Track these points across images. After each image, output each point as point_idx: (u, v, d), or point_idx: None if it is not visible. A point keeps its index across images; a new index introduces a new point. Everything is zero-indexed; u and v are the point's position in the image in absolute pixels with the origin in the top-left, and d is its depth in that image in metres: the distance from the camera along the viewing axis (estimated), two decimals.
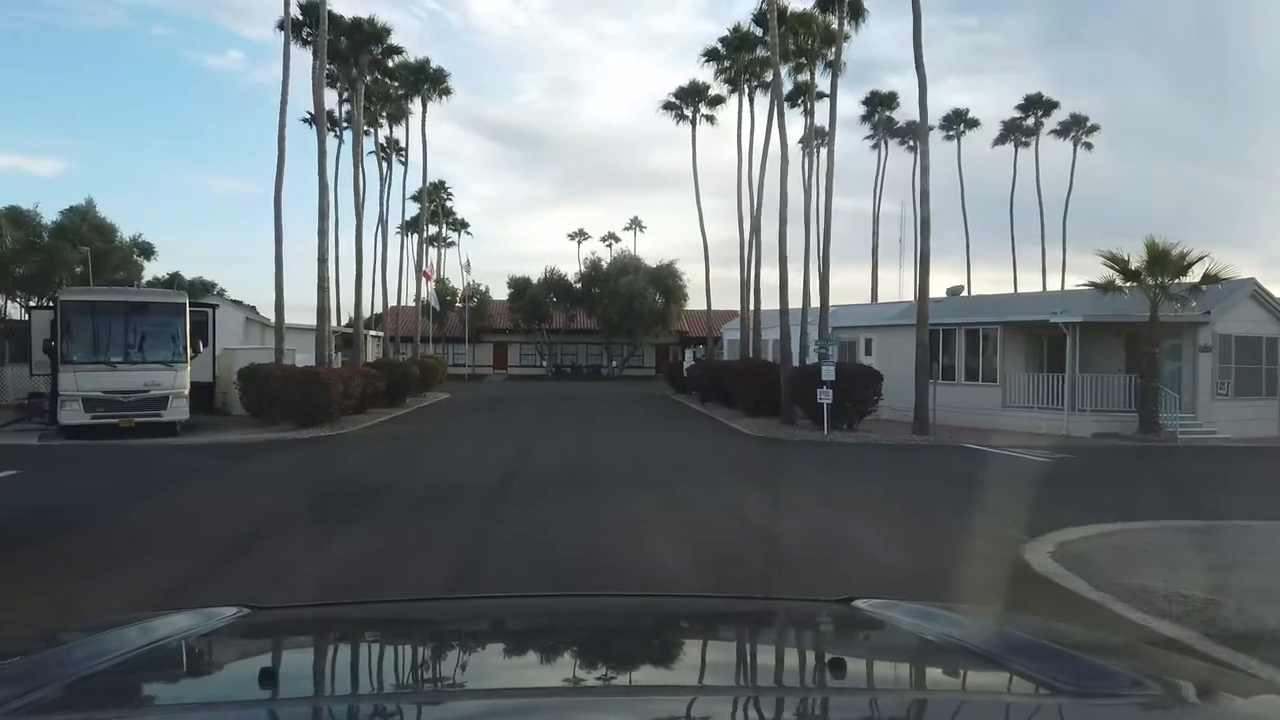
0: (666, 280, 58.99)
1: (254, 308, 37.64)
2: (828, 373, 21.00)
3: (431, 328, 59.36)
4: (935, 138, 65.43)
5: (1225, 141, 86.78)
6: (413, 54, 47.76)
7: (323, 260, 25.00)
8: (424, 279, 62.35)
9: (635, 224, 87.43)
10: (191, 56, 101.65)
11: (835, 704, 1.49)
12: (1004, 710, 1.47)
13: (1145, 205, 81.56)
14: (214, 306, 25.43)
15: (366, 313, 48.82)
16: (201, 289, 78.21)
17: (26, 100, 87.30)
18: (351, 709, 1.45)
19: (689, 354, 37.22)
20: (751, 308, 35.88)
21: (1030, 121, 61.92)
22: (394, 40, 34.11)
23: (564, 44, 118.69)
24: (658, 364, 64.72)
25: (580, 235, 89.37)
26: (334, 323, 37.57)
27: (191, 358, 21.55)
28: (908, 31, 21.44)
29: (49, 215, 34.05)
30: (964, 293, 36.16)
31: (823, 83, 34.59)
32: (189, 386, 21.21)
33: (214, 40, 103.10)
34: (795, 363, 24.54)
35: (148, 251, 37.85)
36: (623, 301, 56.99)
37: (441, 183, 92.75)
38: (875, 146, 67.66)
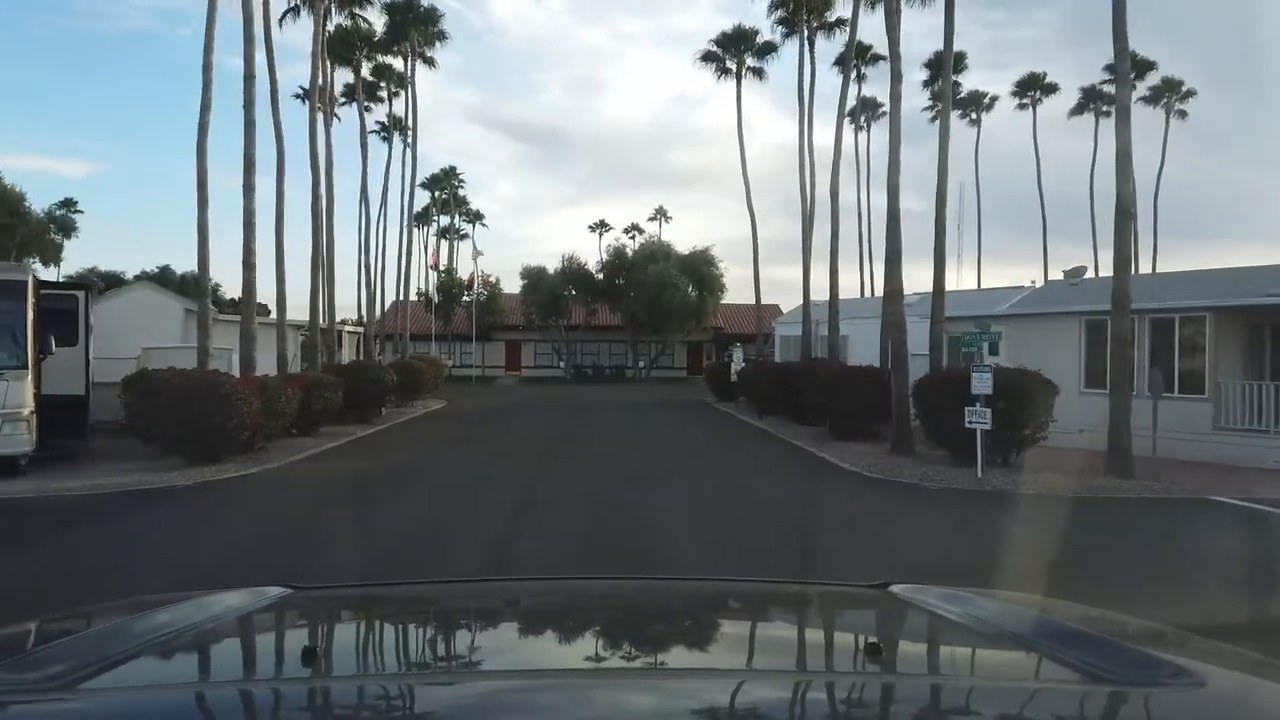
0: (701, 269, 51.63)
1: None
2: (982, 383, 13.78)
3: (434, 324, 52.58)
4: (1007, 106, 58.04)
5: (1251, 134, 79.64)
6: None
7: (249, 225, 18.08)
8: (430, 267, 55.65)
9: (660, 214, 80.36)
10: (221, 60, 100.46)
11: (869, 688, 1.46)
12: (1043, 698, 1.41)
13: (1171, 197, 75.68)
14: (87, 288, 18.46)
15: (360, 309, 42.38)
16: (191, 283, 72.32)
17: (54, 103, 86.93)
18: (388, 686, 1.48)
19: (737, 353, 30.08)
20: (811, 296, 28.74)
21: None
22: None
23: (585, 42, 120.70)
24: (690, 364, 57.48)
25: (601, 226, 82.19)
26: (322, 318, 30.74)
27: (39, 359, 14.70)
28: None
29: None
30: (1087, 274, 28.68)
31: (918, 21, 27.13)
32: (32, 405, 14.36)
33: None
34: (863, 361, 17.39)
35: (67, 227, 31.12)
36: (650, 293, 49.63)
37: (453, 168, 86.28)
38: (935, 119, 60.55)
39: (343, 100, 60.06)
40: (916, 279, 25.11)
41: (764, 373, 25.70)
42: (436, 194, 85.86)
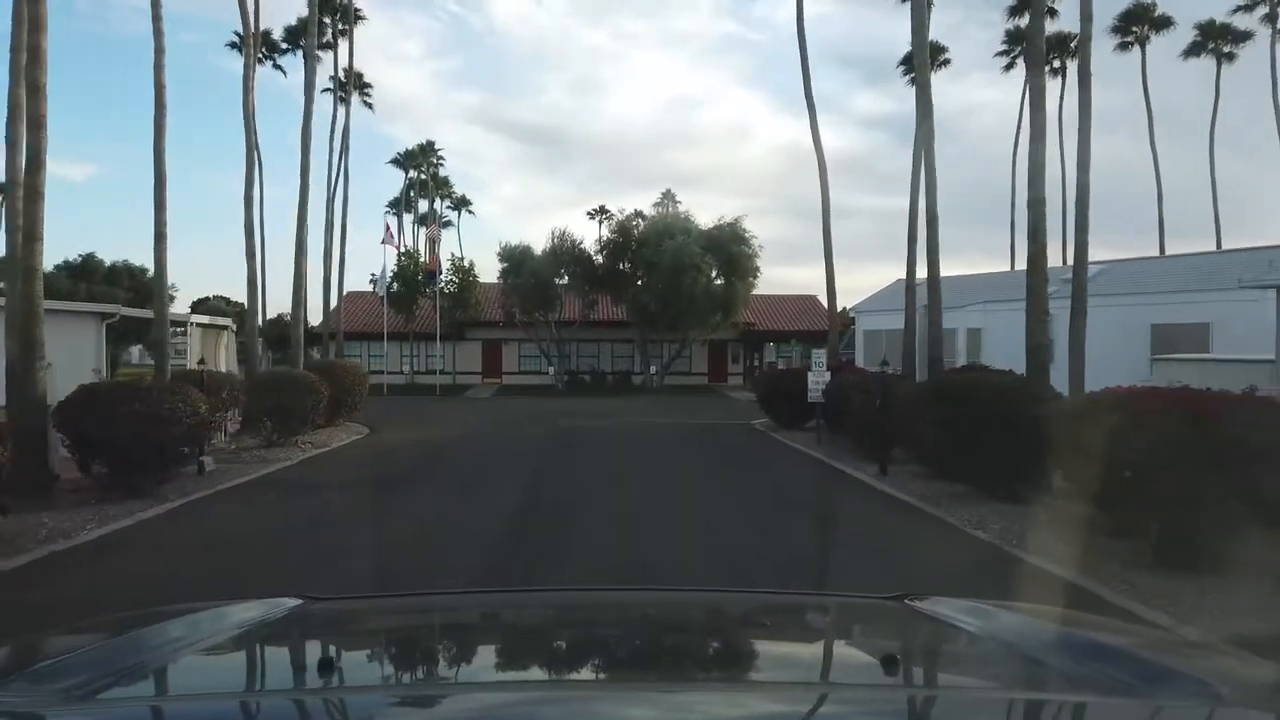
0: (729, 247, 40.12)
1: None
2: None
3: (388, 319, 41.42)
4: (1105, 46, 46.83)
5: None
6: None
7: None
8: (387, 243, 44.29)
9: (668, 198, 68.61)
10: (223, 62, 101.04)
11: (884, 701, 1.41)
12: (1063, 711, 1.36)
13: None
14: None
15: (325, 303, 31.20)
16: (124, 274, 61.47)
17: (55, 104, 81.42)
18: (400, 697, 1.47)
19: (817, 355, 18.73)
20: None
21: (1255, 18, 43.19)
22: None
23: (586, 43, 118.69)
24: (712, 370, 46.11)
25: (601, 213, 70.45)
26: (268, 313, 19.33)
27: None
28: None
29: None
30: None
31: None
32: None
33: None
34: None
35: None
36: (665, 277, 38.11)
37: (431, 143, 75.05)
38: (1009, 68, 49.39)
39: (285, 47, 48.95)
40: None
41: (905, 394, 14.21)
42: (412, 173, 74.49)
